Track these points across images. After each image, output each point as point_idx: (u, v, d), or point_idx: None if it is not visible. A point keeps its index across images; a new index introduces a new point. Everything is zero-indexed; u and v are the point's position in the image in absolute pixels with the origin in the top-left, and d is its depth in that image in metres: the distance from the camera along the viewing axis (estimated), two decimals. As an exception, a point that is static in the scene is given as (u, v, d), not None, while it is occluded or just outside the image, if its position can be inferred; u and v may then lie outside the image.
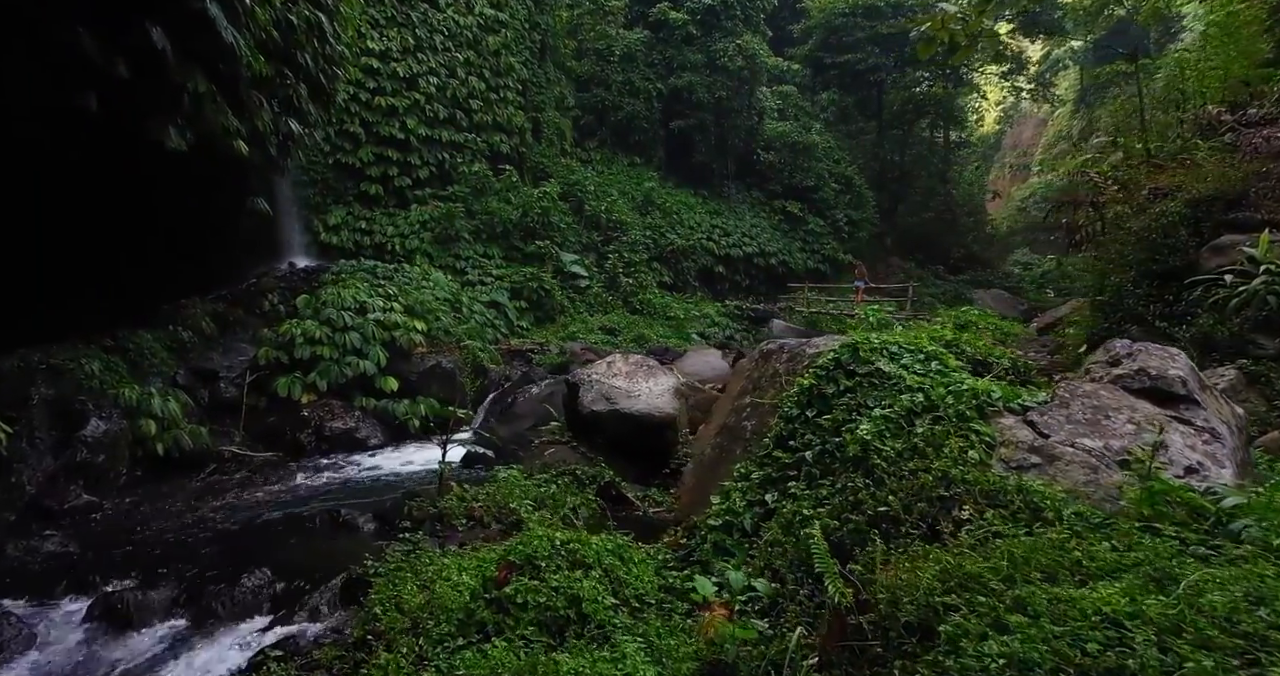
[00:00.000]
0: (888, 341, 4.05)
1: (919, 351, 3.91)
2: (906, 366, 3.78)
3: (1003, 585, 2.11)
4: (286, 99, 12.24)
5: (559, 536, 4.16)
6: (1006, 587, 2.08)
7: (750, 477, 4.08)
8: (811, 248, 28.30)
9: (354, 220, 18.23)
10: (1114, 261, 6.38)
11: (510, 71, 22.10)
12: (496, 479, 6.95)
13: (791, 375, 4.39)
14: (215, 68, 8.85)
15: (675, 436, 7.77)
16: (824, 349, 4.33)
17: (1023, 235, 50.62)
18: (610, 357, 8.34)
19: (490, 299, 17.08)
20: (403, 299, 13.38)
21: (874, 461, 3.31)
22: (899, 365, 3.79)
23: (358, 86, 18.12)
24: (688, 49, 26.72)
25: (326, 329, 11.73)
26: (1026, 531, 2.45)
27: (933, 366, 3.73)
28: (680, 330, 19.43)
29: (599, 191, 22.68)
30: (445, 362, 12.64)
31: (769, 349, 4.70)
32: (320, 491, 8.59)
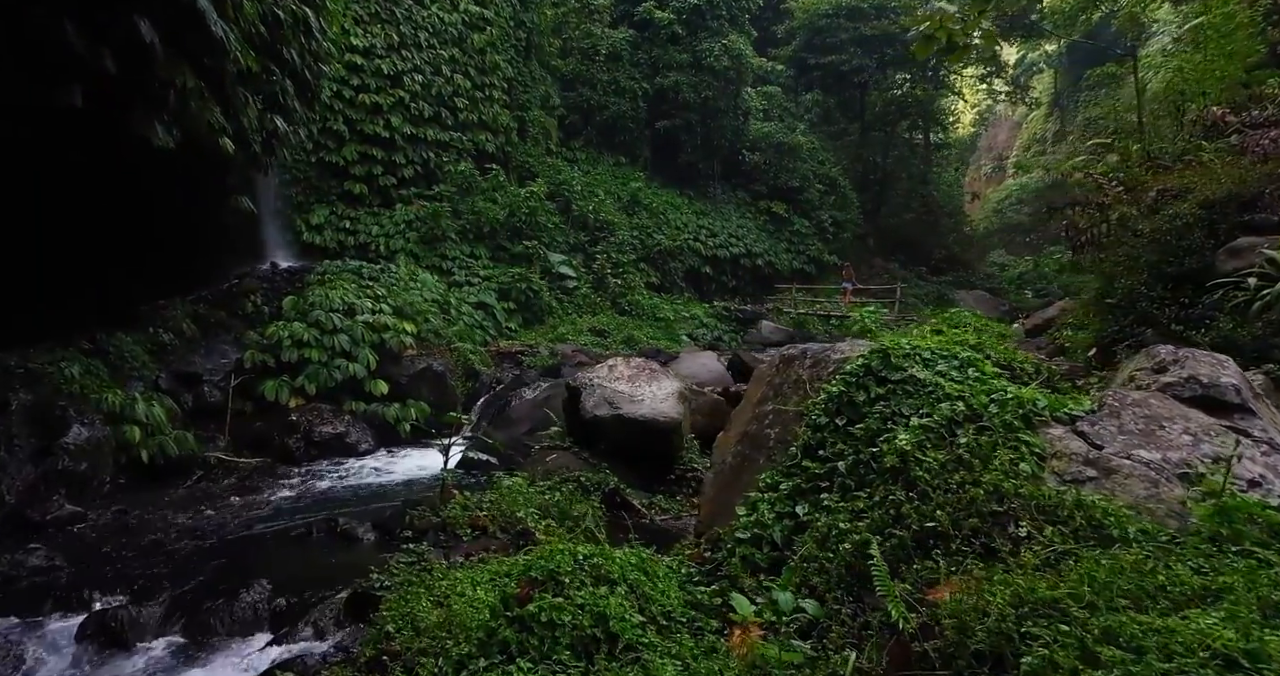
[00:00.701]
0: (920, 347, 3.97)
1: (953, 357, 3.83)
2: (943, 373, 3.70)
3: (1085, 612, 2.02)
4: (272, 96, 11.96)
5: (581, 550, 4.03)
6: (1090, 615, 2.00)
7: (778, 488, 3.98)
8: (797, 248, 28.36)
9: (337, 219, 17.90)
10: (1123, 263, 6.38)
11: (496, 69, 21.85)
12: (500, 486, 6.80)
13: (816, 381, 4.30)
14: (203, 63, 8.59)
15: (680, 442, 7.68)
16: (851, 354, 4.24)
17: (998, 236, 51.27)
18: (611, 361, 8.22)
19: (478, 300, 16.85)
20: (391, 300, 13.14)
21: (915, 473, 3.22)
22: (934, 372, 3.72)
23: (341, 83, 17.79)
24: (673, 48, 26.62)
25: (314, 331, 11.46)
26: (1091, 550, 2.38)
27: (970, 373, 3.65)
28: (670, 331, 19.34)
29: (586, 191, 22.51)
30: (436, 365, 12.42)
31: (790, 354, 4.60)
32: (313, 499, 8.37)
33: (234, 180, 13.70)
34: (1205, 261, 5.54)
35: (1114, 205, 7.15)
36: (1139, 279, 6.08)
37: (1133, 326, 5.94)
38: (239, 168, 13.13)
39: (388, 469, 9.90)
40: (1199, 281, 5.50)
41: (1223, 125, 7.15)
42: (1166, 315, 5.62)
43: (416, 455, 10.73)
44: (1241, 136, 6.67)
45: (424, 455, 10.71)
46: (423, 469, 9.81)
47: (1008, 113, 64.76)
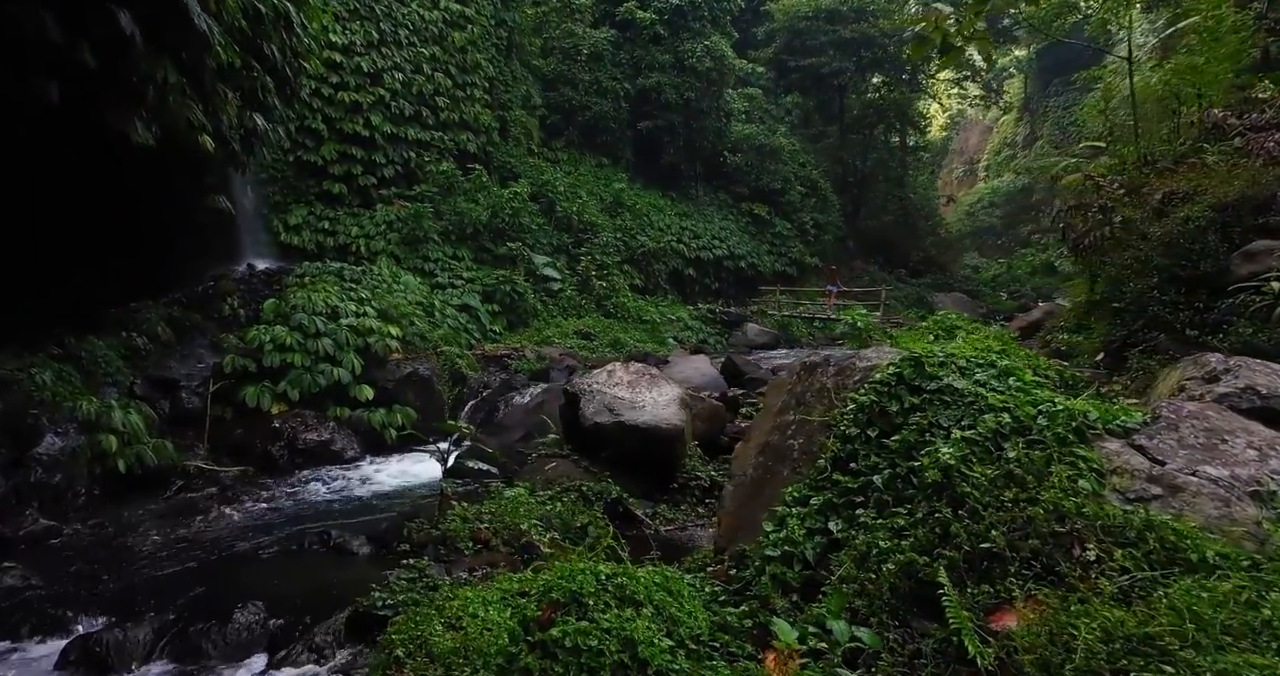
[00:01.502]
0: (955, 355, 3.87)
1: (990, 366, 3.73)
2: (982, 383, 3.59)
3: (1190, 652, 1.90)
4: (251, 92, 11.61)
5: (603, 569, 3.86)
6: (1196, 655, 1.88)
7: (808, 502, 3.84)
8: (779, 250, 28.41)
9: (316, 220, 17.47)
10: (1132, 266, 6.37)
11: (477, 68, 21.56)
12: (501, 497, 6.60)
13: (843, 390, 4.18)
14: (183, 58, 8.27)
15: (682, 450, 7.54)
16: (879, 363, 4.13)
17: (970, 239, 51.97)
18: (610, 366, 8.05)
19: (462, 302, 16.56)
20: (375, 303, 12.82)
21: (963, 489, 3.10)
22: (973, 381, 3.61)
23: (320, 81, 17.37)
24: (655, 49, 26.52)
25: (297, 335, 11.13)
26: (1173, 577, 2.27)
27: (1011, 383, 3.55)
28: (655, 334, 19.21)
29: (569, 192, 22.29)
30: (422, 369, 12.14)
31: (813, 361, 4.48)
32: (301, 509, 8.08)
33: (211, 179, 13.32)
34: (1220, 265, 5.53)
35: (1117, 207, 7.16)
36: (1149, 282, 6.07)
37: (1143, 330, 5.92)
38: (216, 166, 12.76)
39: (376, 477, 9.62)
40: (1214, 285, 5.50)
41: (1224, 127, 7.21)
42: (1180, 319, 5.62)
43: (404, 462, 10.46)
44: (1245, 139, 6.72)
45: (412, 462, 10.44)
46: (412, 476, 9.55)
47: (978, 117, 65.82)
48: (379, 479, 9.50)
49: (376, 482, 9.29)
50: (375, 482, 9.29)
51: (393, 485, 9.16)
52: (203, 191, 12.89)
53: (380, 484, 9.24)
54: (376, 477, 9.58)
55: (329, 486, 9.09)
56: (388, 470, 9.89)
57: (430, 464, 10.28)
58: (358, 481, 9.36)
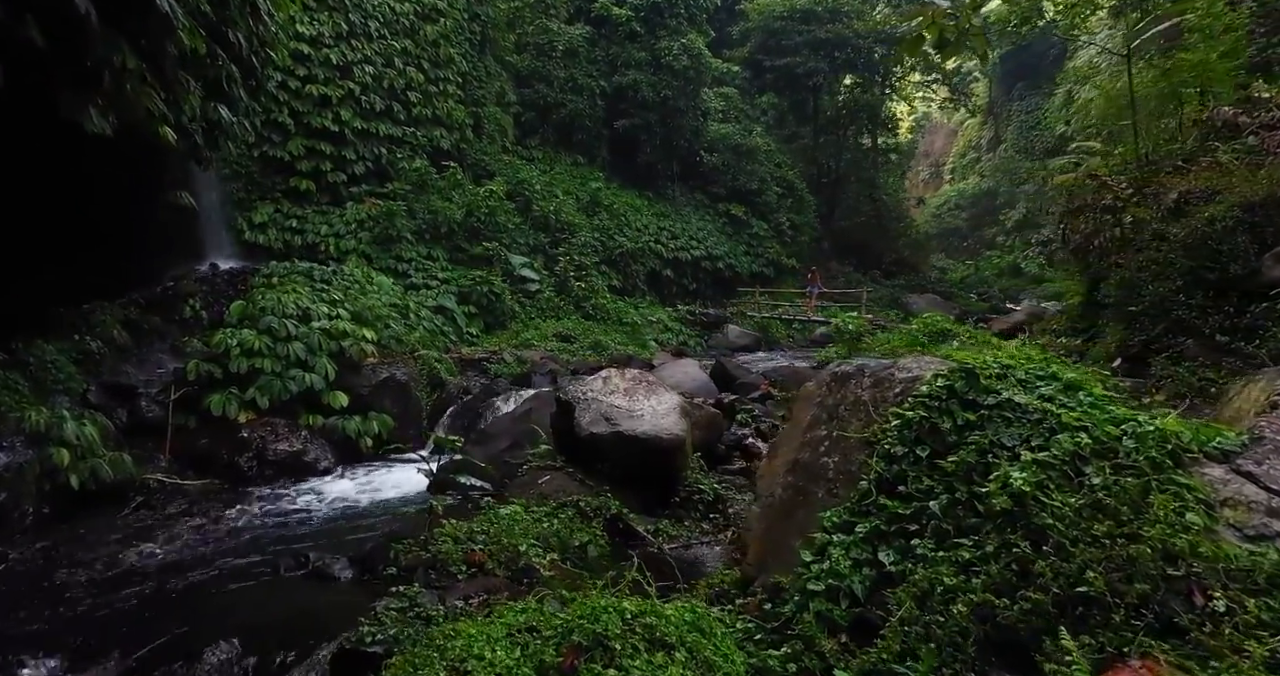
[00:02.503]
0: (1012, 365, 3.56)
1: (1053, 378, 3.44)
2: (1048, 397, 3.29)
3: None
4: (215, 82, 10.96)
5: (629, 607, 3.48)
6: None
7: (852, 530, 3.51)
8: (756, 251, 28.23)
9: (283, 218, 16.75)
10: (1150, 269, 6.20)
11: (450, 63, 20.96)
12: (494, 514, 6.17)
13: (882, 404, 3.85)
14: (143, 42, 7.67)
15: (684, 461, 7.18)
16: (921, 374, 3.81)
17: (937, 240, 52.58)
18: (605, 373, 7.66)
19: (437, 304, 16.00)
20: (349, 304, 12.24)
21: (1041, 520, 2.79)
22: (1038, 396, 3.31)
23: (287, 74, 16.66)
24: (631, 46, 26.15)
25: (266, 339, 10.52)
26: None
27: (1081, 397, 3.26)
28: (636, 336, 18.83)
29: (546, 191, 21.81)
30: (399, 374, 11.61)
31: (844, 371, 4.15)
32: (273, 527, 7.53)
33: (172, 174, 12.63)
34: (1251, 267, 5.37)
35: (1126, 208, 7.01)
36: (1171, 285, 5.90)
37: (1166, 335, 5.74)
38: (177, 160, 12.08)
39: (352, 490, 9.10)
40: (1244, 288, 5.33)
41: (1236, 125, 7.11)
42: (1210, 324, 5.44)
43: (382, 473, 9.96)
44: (1259, 137, 6.62)
45: (390, 473, 9.96)
46: (392, 488, 9.06)
47: (943, 121, 66.75)
48: (356, 492, 8.99)
49: (353, 496, 8.77)
50: (352, 496, 8.77)
51: (371, 498, 8.65)
52: (163, 187, 12.20)
53: (358, 497, 8.73)
54: (353, 490, 9.06)
55: (302, 500, 8.55)
56: (365, 482, 9.38)
57: (410, 474, 9.80)
58: (333, 494, 8.83)
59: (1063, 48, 51.81)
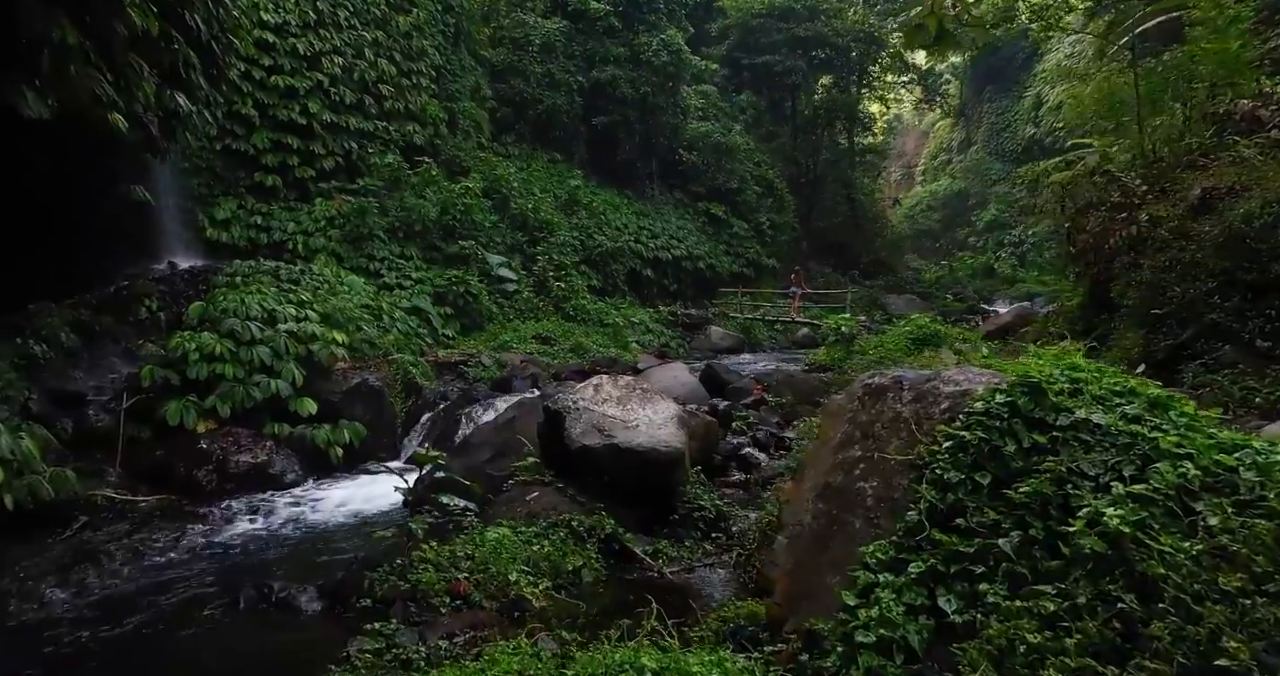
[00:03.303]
0: (1082, 378, 3.14)
1: (1132, 393, 3.02)
2: (1133, 417, 2.87)
3: None
4: (172, 68, 10.25)
5: (649, 663, 2.99)
6: None
7: (903, 569, 3.06)
8: (736, 251, 27.89)
9: (247, 214, 15.95)
10: (1176, 269, 5.88)
11: (423, 56, 20.28)
12: (479, 536, 5.65)
13: (926, 421, 3.42)
14: (87, 19, 7.01)
15: (683, 475, 6.71)
16: (972, 387, 3.38)
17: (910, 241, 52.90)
18: (595, 380, 7.16)
19: (412, 304, 15.34)
20: (318, 306, 11.57)
21: (1150, 569, 2.36)
22: (1120, 416, 2.89)
23: (250, 63, 15.86)
24: (610, 42, 25.64)
25: (229, 342, 9.83)
26: None
27: (1173, 417, 2.84)
28: (618, 338, 18.31)
29: (523, 188, 21.20)
30: (372, 380, 10.98)
31: (878, 383, 3.71)
32: (233, 549, 6.90)
33: (126, 166, 11.86)
34: (1292, 266, 5.06)
35: (1143, 205, 6.71)
36: (1201, 286, 5.58)
37: (1198, 340, 5.42)
38: (131, 151, 11.33)
39: (322, 505, 8.47)
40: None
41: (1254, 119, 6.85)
42: (1249, 329, 5.12)
43: (353, 485, 9.36)
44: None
45: (362, 485, 9.35)
46: (365, 502, 8.45)
47: (914, 122, 67.24)
48: (326, 507, 8.37)
49: (323, 512, 8.15)
50: (321, 512, 8.15)
51: (343, 515, 8.04)
52: (116, 180, 11.45)
53: (328, 513, 8.11)
54: (322, 505, 8.44)
55: (266, 518, 7.91)
56: (335, 496, 8.75)
57: (385, 487, 9.19)
58: (301, 510, 8.20)
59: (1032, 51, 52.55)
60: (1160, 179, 7.08)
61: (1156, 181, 7.05)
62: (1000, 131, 55.77)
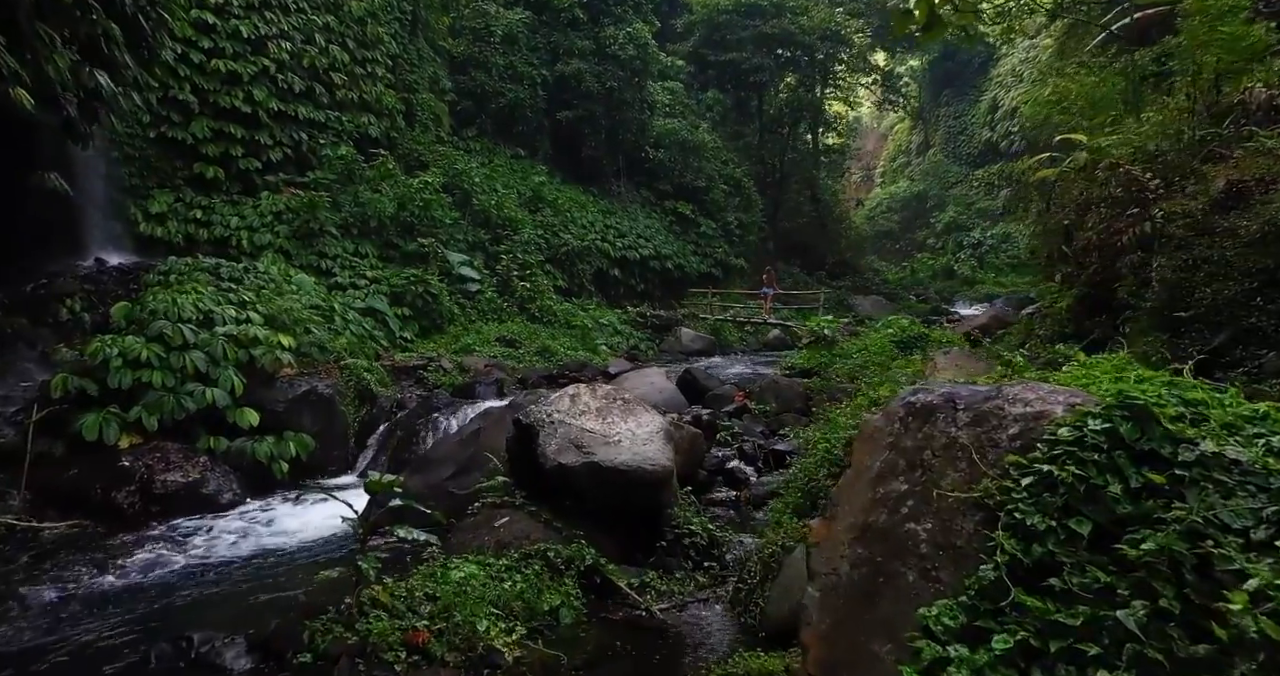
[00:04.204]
0: (1200, 399, 2.56)
1: (1266, 418, 2.45)
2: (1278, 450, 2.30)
3: None
4: (91, 42, 9.23)
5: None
6: None
7: (984, 641, 2.43)
8: (704, 251, 27.34)
9: (185, 208, 14.78)
10: (1203, 268, 5.44)
11: (378, 43, 19.24)
12: (443, 575, 4.89)
13: (991, 449, 2.81)
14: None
15: (671, 496, 6.04)
16: (1048, 408, 2.79)
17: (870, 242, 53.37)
18: (572, 389, 6.45)
19: (367, 305, 14.37)
20: (262, 306, 10.62)
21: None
22: (1266, 450, 2.30)
23: (188, 45, 14.69)
24: (574, 34, 24.88)
25: (157, 347, 8.84)
26: None
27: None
28: (586, 341, 17.55)
29: (485, 184, 20.31)
30: (321, 387, 10.08)
31: (925, 402, 3.09)
32: (150, 589, 5.98)
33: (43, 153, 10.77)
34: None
35: (1157, 200, 6.27)
36: (1236, 287, 5.13)
37: (1236, 346, 4.97)
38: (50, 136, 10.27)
39: (261, 529, 7.58)
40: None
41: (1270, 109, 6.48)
42: (1299, 334, 4.68)
43: (299, 504, 8.49)
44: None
45: (309, 506, 8.49)
46: (313, 526, 7.60)
47: (873, 125, 67.90)
48: (265, 532, 7.48)
49: (262, 538, 7.27)
50: (260, 538, 7.27)
51: (284, 541, 7.17)
52: (30, 167, 10.33)
53: (267, 539, 7.23)
54: (262, 529, 7.55)
55: (195, 546, 6.99)
56: (278, 519, 7.87)
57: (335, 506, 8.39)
58: (236, 536, 7.31)
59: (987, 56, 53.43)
60: (1171, 172, 6.68)
61: (1168, 175, 6.65)
62: (957, 135, 56.63)
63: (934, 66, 56.63)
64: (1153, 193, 6.44)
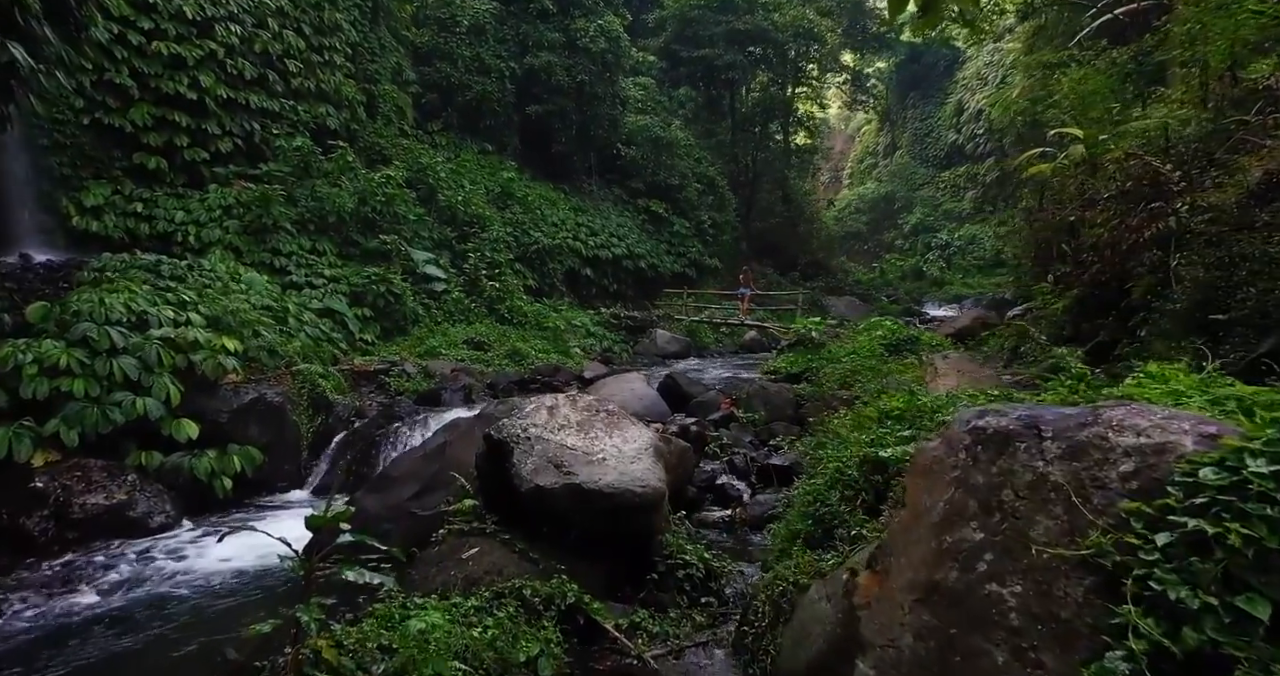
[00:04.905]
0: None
1: None
2: None
3: None
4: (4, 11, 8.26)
5: None
6: None
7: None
8: (678, 250, 26.74)
9: (125, 201, 13.68)
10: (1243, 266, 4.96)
11: (337, 30, 18.27)
12: (401, 627, 4.16)
13: (1098, 491, 2.21)
14: None
15: (662, 521, 5.38)
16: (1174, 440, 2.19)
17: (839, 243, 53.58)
18: (550, 400, 5.75)
19: (324, 306, 13.46)
20: (205, 307, 9.72)
21: None
22: None
23: (125, 25, 13.59)
24: (544, 26, 24.09)
25: (80, 352, 7.92)
26: None
27: None
28: (558, 343, 16.79)
29: (452, 180, 19.43)
30: (271, 395, 9.22)
31: (998, 427, 2.49)
32: (49, 638, 5.11)
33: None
34: None
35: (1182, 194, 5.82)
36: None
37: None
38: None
39: (195, 556, 6.74)
40: None
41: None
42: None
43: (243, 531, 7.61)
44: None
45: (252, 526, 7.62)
46: (255, 552, 6.76)
47: (841, 126, 68.21)
48: (200, 560, 6.64)
49: (192, 568, 6.43)
50: (190, 568, 6.43)
51: (221, 571, 6.35)
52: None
53: (198, 570, 6.39)
54: (196, 557, 6.71)
55: (109, 582, 6.10)
56: (215, 546, 7.00)
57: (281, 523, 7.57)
58: (161, 567, 6.46)
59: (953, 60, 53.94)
60: (1190, 164, 6.25)
61: (1185, 167, 6.21)
62: (924, 137, 57.15)
63: (901, 69, 57.13)
64: (1175, 185, 5.97)
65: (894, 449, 4.51)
